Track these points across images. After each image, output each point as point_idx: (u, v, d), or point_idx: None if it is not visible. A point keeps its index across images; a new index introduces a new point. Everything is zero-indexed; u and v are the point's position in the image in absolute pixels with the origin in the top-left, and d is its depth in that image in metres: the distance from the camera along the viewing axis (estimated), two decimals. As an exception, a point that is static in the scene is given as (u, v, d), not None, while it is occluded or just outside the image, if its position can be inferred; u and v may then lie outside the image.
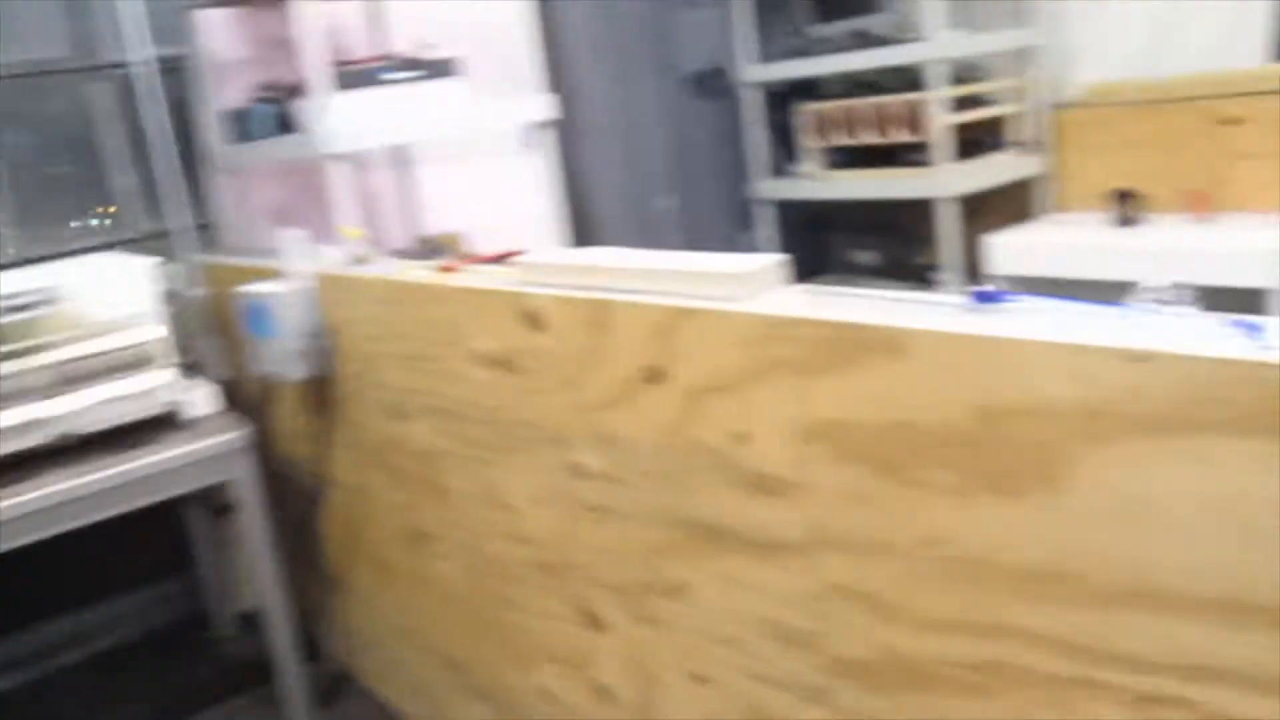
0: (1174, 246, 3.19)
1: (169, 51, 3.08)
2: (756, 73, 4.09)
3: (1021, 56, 3.76)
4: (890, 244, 4.18)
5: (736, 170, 4.22)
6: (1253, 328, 0.96)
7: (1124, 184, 3.48)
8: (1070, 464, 1.03)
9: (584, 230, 3.62)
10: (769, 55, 4.09)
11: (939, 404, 1.12)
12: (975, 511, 1.12)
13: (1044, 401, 1.03)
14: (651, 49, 4.04)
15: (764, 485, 1.35)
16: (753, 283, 1.34)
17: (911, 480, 1.18)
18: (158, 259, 2.51)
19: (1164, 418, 0.95)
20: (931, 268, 3.68)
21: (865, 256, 4.28)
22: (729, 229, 4.25)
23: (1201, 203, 3.34)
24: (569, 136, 3.59)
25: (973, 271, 3.57)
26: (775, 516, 1.35)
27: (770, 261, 1.37)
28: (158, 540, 3.19)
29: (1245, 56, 3.68)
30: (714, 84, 4.16)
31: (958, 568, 1.16)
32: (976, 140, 3.71)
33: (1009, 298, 1.13)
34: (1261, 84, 3.34)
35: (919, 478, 1.17)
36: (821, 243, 4.47)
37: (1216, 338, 0.95)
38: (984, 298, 1.14)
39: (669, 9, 4.04)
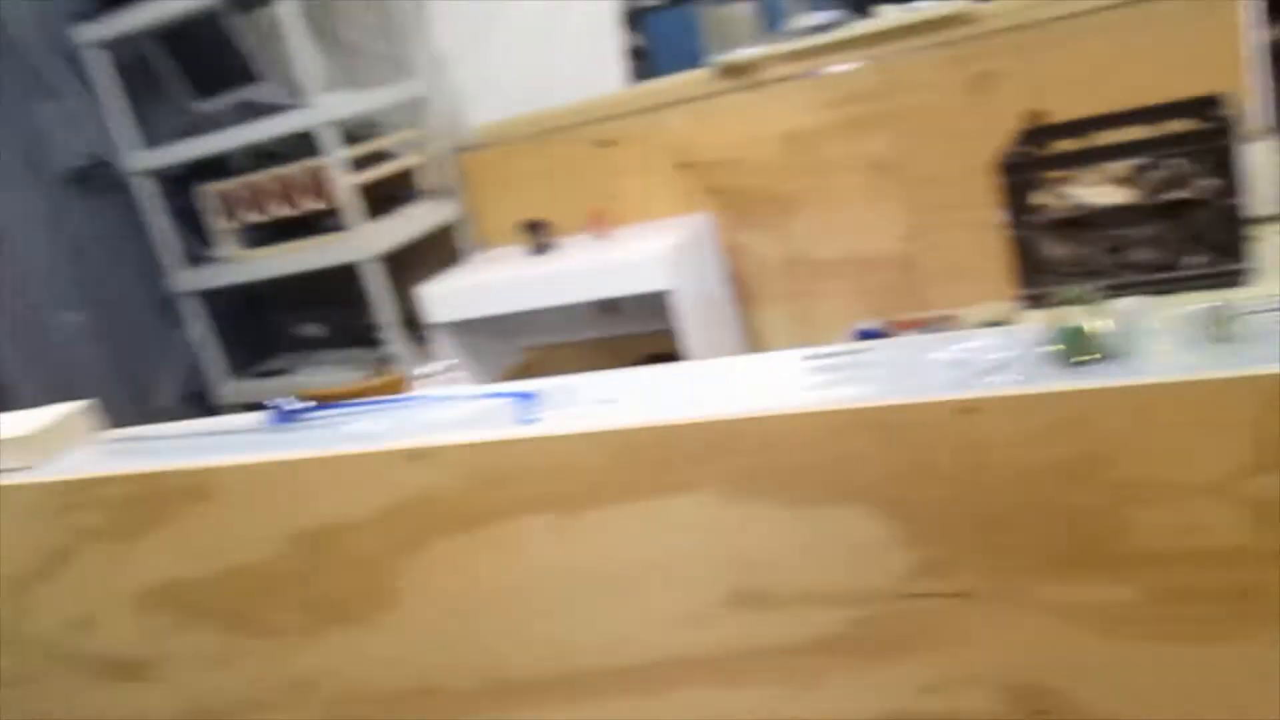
0: (583, 266, 3.40)
1: None
2: (145, 159, 3.77)
3: (415, 107, 3.81)
4: (334, 312, 4.07)
5: (150, 266, 3.87)
6: (525, 396, 0.96)
7: (533, 215, 3.65)
8: (393, 575, 0.97)
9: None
10: (156, 138, 3.79)
11: (260, 540, 1.02)
12: (329, 645, 1.04)
13: (351, 516, 0.97)
14: (14, 148, 3.57)
15: (122, 670, 1.17)
16: (42, 444, 1.15)
17: (263, 628, 1.07)
18: None
19: (464, 509, 0.93)
20: (375, 329, 3.62)
21: (313, 329, 4.12)
22: (157, 330, 3.89)
23: (600, 221, 3.59)
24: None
25: (413, 324, 3.56)
26: (144, 701, 1.17)
27: (66, 412, 1.19)
28: None
29: (611, 83, 4.03)
30: (101, 178, 3.77)
31: (341, 707, 1.06)
32: (390, 195, 3.71)
33: (305, 414, 1.06)
34: (625, 107, 3.66)
35: (269, 623, 1.06)
36: (266, 323, 4.24)
37: (491, 417, 0.94)
38: (282, 417, 1.05)
39: (24, 101, 3.60)
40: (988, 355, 0.79)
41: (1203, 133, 1.87)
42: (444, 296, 3.50)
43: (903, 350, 0.87)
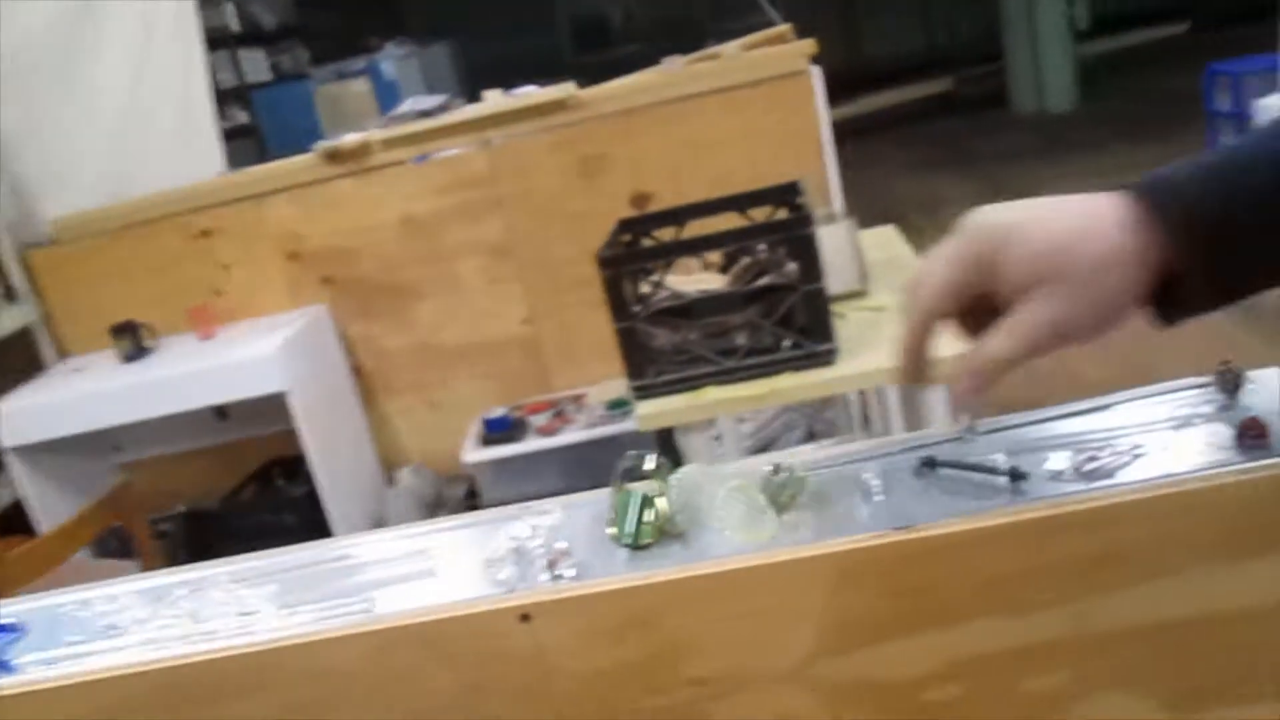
0: (186, 371, 3.09)
1: None
2: None
3: (-31, 202, 3.32)
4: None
5: None
6: (8, 630, 0.77)
7: (126, 315, 3.28)
8: None
9: None
10: None
11: None
12: None
13: None
14: None
15: None
16: None
17: None
18: None
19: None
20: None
21: None
22: None
23: (205, 319, 3.29)
24: None
25: None
26: None
27: None
28: None
29: (209, 168, 3.74)
30: None
31: None
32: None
33: None
34: (224, 194, 3.39)
35: None
36: None
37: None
38: None
39: None
40: (550, 541, 0.71)
41: (786, 222, 1.97)
42: (17, 415, 3.05)
43: (463, 537, 0.78)
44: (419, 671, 0.67)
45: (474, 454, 3.16)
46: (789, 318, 2.00)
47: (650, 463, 0.71)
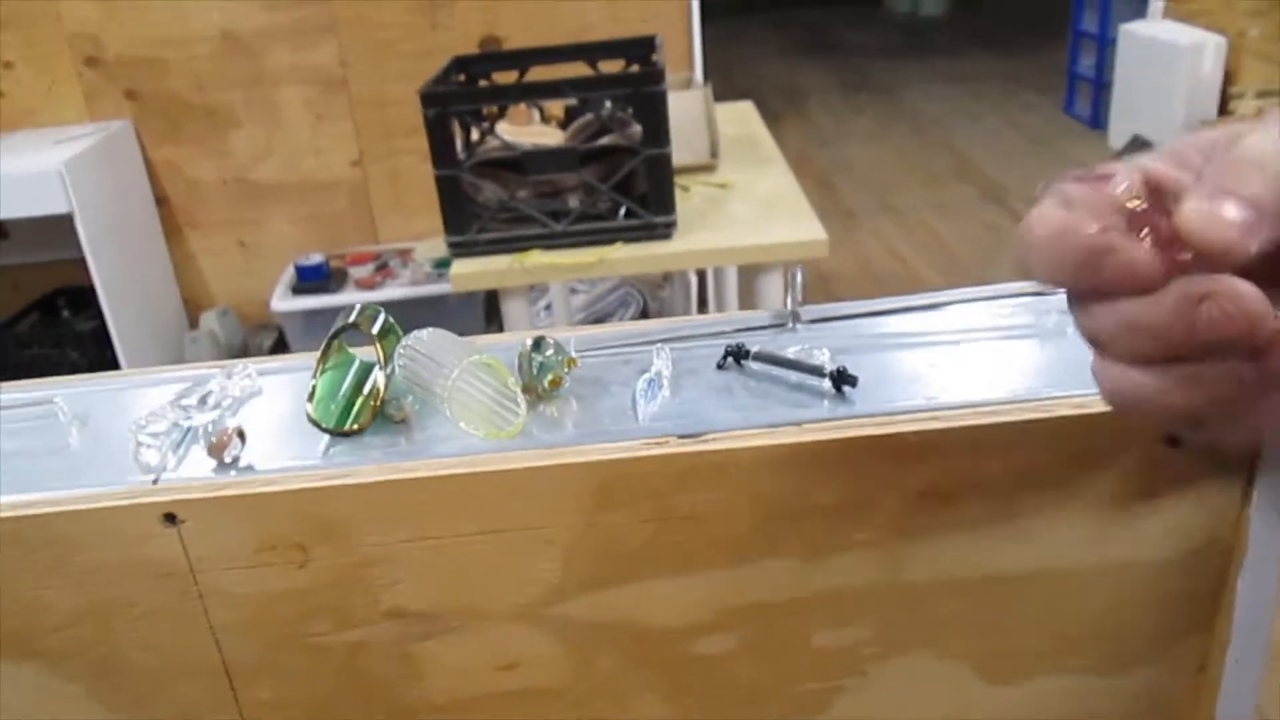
0: (-48, 179, 2.69)
1: None
2: None
3: None
4: None
5: None
6: None
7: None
8: None
9: None
10: None
11: None
12: None
13: None
14: None
15: None
16: None
17: None
18: None
19: None
20: None
21: None
22: None
23: (-22, 122, 2.88)
24: None
25: None
26: None
27: None
28: None
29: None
30: None
31: None
32: None
33: None
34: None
35: None
36: None
37: None
38: None
39: None
40: (224, 416, 0.53)
41: (634, 75, 1.77)
42: None
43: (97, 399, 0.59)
44: (21, 583, 0.49)
45: (284, 302, 2.90)
46: (628, 183, 1.82)
47: (377, 322, 0.54)
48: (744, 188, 2.08)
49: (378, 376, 0.52)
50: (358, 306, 0.54)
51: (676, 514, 0.49)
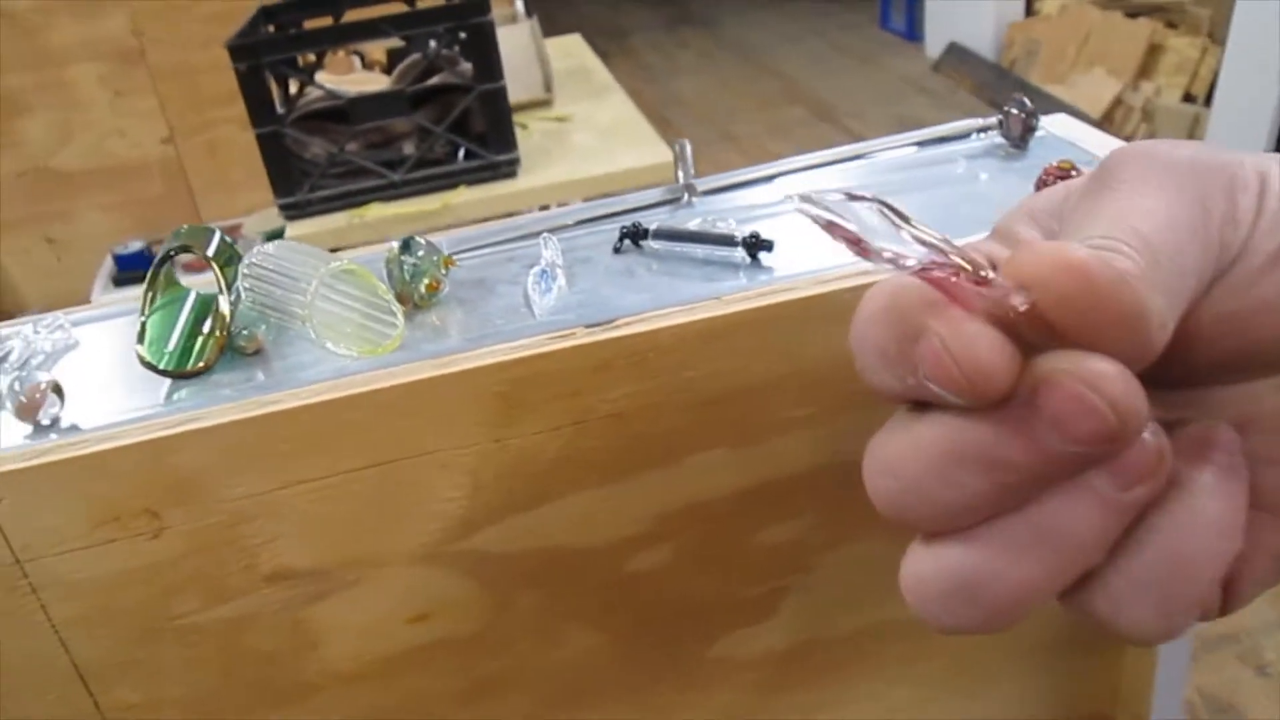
0: None
1: None
2: None
3: None
4: None
5: None
6: None
7: None
8: None
9: None
10: None
11: None
12: None
13: None
14: None
15: None
16: None
17: None
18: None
19: None
20: None
21: None
22: None
23: None
24: None
25: None
26: None
27: None
28: None
29: None
30: None
31: None
32: None
33: None
34: None
35: None
36: None
37: None
38: None
39: None
40: (32, 370, 0.44)
41: (459, 7, 1.67)
42: None
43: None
44: None
45: (107, 295, 2.69)
46: (464, 123, 1.73)
47: (213, 243, 0.45)
48: (583, 119, 2.01)
49: (221, 304, 0.44)
50: (185, 227, 0.46)
51: (594, 415, 0.42)
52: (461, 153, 1.72)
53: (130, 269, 2.66)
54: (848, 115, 4.15)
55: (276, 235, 2.60)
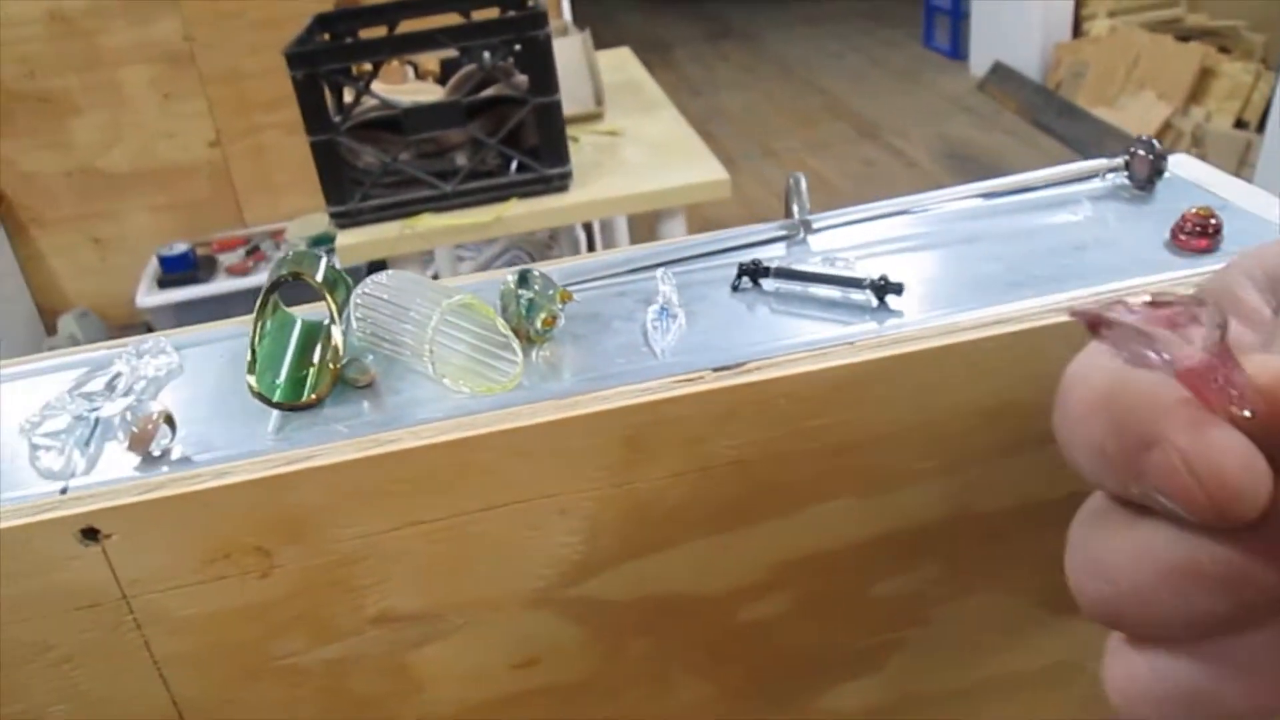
0: None
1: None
2: None
3: None
4: None
5: None
6: None
7: None
8: None
9: None
10: None
11: None
12: None
13: None
14: None
15: None
16: None
17: None
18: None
19: None
20: None
21: None
22: None
23: None
24: None
25: None
26: None
27: None
28: None
29: None
30: None
31: None
32: None
33: None
34: None
35: None
36: None
37: None
38: None
39: None
40: (142, 400, 0.43)
41: (515, 19, 1.66)
42: None
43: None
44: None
45: (150, 297, 2.70)
46: (517, 136, 1.72)
47: (320, 268, 0.44)
48: (634, 133, 2.00)
49: (333, 334, 0.43)
50: (290, 252, 0.44)
51: (717, 461, 0.41)
52: (514, 165, 1.71)
53: (174, 270, 2.67)
54: (890, 133, 4.12)
55: (321, 240, 2.60)
